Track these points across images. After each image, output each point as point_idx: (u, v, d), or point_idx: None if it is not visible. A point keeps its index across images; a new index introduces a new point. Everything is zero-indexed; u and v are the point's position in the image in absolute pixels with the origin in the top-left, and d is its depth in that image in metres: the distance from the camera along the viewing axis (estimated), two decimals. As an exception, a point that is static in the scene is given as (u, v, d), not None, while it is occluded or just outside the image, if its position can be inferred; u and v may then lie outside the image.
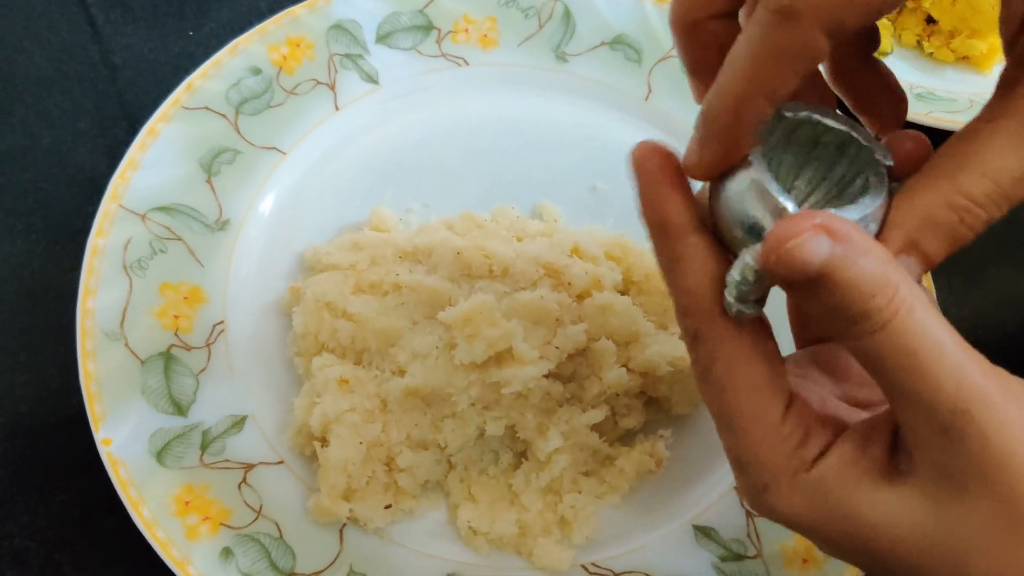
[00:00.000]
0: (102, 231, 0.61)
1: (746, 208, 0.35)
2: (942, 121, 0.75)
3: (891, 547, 0.35)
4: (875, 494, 0.35)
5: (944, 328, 0.33)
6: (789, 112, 0.36)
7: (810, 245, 0.31)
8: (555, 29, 0.74)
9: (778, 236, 0.32)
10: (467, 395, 0.56)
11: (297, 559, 0.55)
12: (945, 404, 0.33)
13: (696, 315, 0.37)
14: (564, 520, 0.57)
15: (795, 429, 0.36)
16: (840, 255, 0.32)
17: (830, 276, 0.32)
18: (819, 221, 0.32)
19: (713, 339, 0.36)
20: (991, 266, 0.74)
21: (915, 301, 0.33)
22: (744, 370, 0.36)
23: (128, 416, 0.56)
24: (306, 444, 0.58)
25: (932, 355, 0.33)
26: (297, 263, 0.65)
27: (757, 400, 0.36)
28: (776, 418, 0.36)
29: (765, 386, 0.36)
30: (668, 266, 0.37)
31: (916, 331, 0.33)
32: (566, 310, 0.58)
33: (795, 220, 0.32)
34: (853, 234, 0.32)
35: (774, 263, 0.32)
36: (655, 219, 0.37)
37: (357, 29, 0.71)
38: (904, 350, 0.32)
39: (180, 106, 0.66)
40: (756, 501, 0.38)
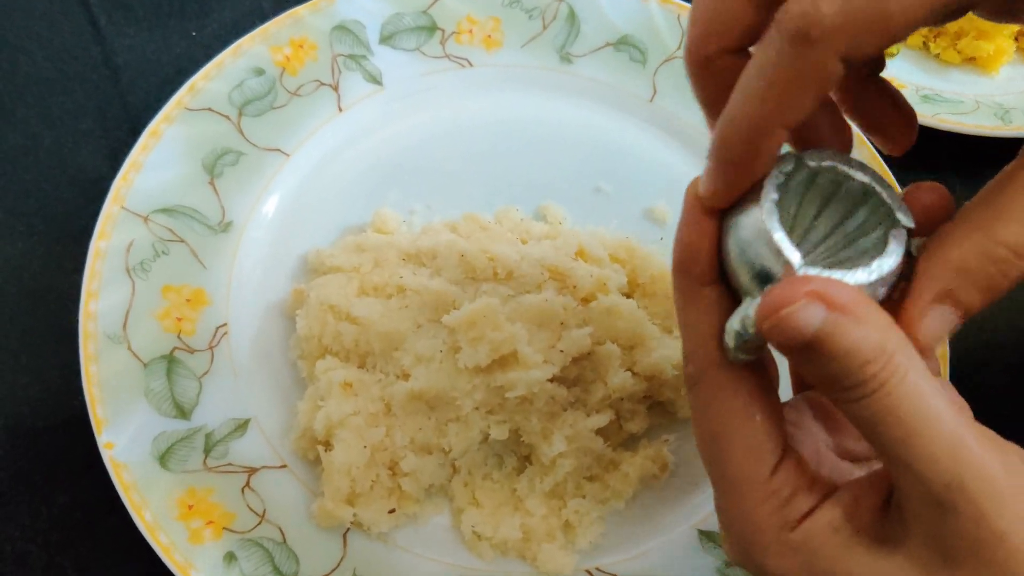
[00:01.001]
0: (104, 233, 0.61)
1: (752, 255, 0.34)
2: (948, 123, 0.75)
3: None
4: (866, 560, 0.35)
5: (942, 398, 0.33)
6: (812, 161, 0.36)
7: (804, 313, 0.31)
8: (559, 30, 0.73)
9: (772, 301, 0.32)
10: (471, 399, 0.56)
11: (300, 564, 0.54)
12: (939, 477, 0.32)
13: (698, 361, 0.37)
14: (568, 525, 0.57)
15: (783, 486, 0.36)
16: (833, 323, 0.31)
17: (822, 344, 0.32)
18: (815, 288, 0.32)
19: (712, 388, 0.37)
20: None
21: (911, 369, 0.32)
22: (737, 423, 0.36)
23: (131, 419, 0.56)
24: (309, 448, 0.57)
25: (926, 425, 0.32)
26: (300, 265, 0.65)
27: (747, 454, 0.36)
28: (765, 474, 0.36)
29: (757, 441, 0.36)
30: (682, 307, 0.38)
31: (910, 400, 0.32)
32: (571, 313, 0.58)
33: (791, 285, 0.32)
34: (850, 302, 0.32)
35: (767, 329, 0.32)
36: (680, 260, 0.37)
37: (360, 30, 0.71)
38: (897, 418, 0.32)
39: (183, 107, 0.65)
40: (741, 556, 0.38)
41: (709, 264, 0.36)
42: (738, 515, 0.37)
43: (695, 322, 0.37)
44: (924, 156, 0.77)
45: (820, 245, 0.38)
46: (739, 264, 0.35)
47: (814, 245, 0.38)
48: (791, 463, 0.37)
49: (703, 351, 0.37)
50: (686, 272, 0.37)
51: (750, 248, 0.34)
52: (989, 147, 0.77)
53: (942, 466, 0.32)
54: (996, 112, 0.78)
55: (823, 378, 0.33)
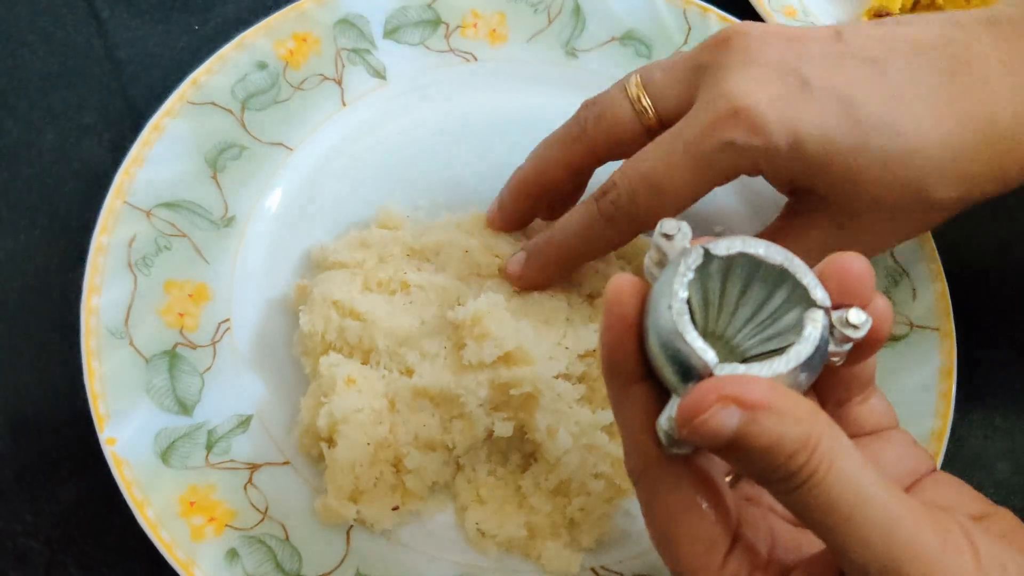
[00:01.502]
0: (106, 228, 0.60)
1: (670, 354, 0.35)
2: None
3: None
4: None
5: (872, 478, 0.33)
6: (720, 251, 0.36)
7: (718, 418, 0.32)
8: (565, 24, 0.73)
9: (687, 408, 0.32)
10: (476, 396, 0.55)
11: (303, 561, 0.54)
12: (875, 562, 0.32)
13: (637, 459, 0.38)
14: (573, 523, 0.57)
15: (738, 571, 0.37)
16: (750, 423, 0.32)
17: (743, 443, 0.32)
18: (728, 392, 0.32)
19: (653, 485, 0.37)
20: (1003, 259, 0.73)
21: (837, 456, 0.32)
22: (682, 517, 0.37)
23: (133, 415, 0.56)
24: (313, 445, 0.57)
25: (856, 510, 0.32)
26: (304, 260, 0.64)
27: (696, 547, 0.37)
28: (716, 564, 0.36)
29: (704, 533, 0.36)
30: (615, 406, 0.39)
31: (839, 486, 0.32)
32: (576, 310, 0.58)
33: (702, 392, 0.32)
34: (766, 398, 0.32)
35: (687, 435, 0.33)
36: (608, 362, 0.38)
37: (364, 24, 0.71)
38: (828, 507, 0.32)
39: (185, 101, 0.65)
40: None
41: (635, 363, 0.37)
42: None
43: (629, 420, 0.38)
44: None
45: (748, 324, 0.38)
46: (661, 363, 0.35)
47: (743, 323, 0.38)
48: (742, 549, 0.37)
49: (640, 449, 0.37)
50: (615, 373, 0.38)
51: (668, 347, 0.34)
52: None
53: (877, 551, 0.32)
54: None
55: (752, 473, 0.34)
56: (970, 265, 0.73)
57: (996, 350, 0.69)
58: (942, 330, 0.62)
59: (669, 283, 0.35)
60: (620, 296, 0.37)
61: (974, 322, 0.66)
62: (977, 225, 0.74)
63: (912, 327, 0.63)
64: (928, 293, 0.63)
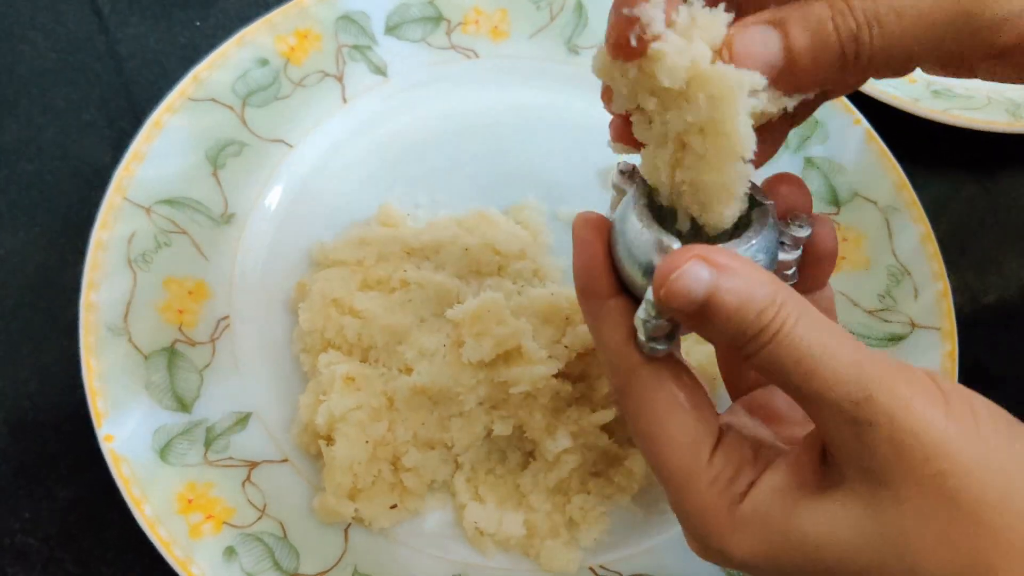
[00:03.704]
0: (106, 224, 0.60)
1: (638, 255, 0.38)
2: (959, 119, 0.74)
3: (840, 559, 0.35)
4: (812, 511, 0.36)
5: (836, 331, 0.35)
6: None
7: (691, 275, 0.34)
8: (567, 21, 0.73)
9: (662, 271, 0.35)
10: (475, 394, 0.55)
11: (301, 559, 0.54)
12: (848, 397, 0.34)
13: (621, 369, 0.39)
14: (572, 521, 0.57)
15: (725, 465, 0.37)
16: (720, 281, 0.34)
17: (714, 300, 0.34)
18: (697, 252, 0.34)
19: (638, 390, 0.39)
20: (1005, 259, 0.73)
21: (801, 312, 0.35)
22: (667, 416, 0.38)
23: (131, 412, 0.56)
24: (311, 442, 0.57)
25: (826, 354, 0.34)
26: (304, 258, 0.64)
27: (683, 444, 0.38)
28: (704, 459, 0.37)
29: (689, 429, 0.38)
30: (594, 326, 0.40)
31: (807, 336, 0.34)
32: (576, 308, 0.58)
33: (675, 254, 0.35)
34: (730, 261, 0.34)
35: (664, 297, 0.35)
36: (582, 284, 0.40)
37: (365, 20, 0.70)
38: (799, 354, 0.34)
39: (186, 97, 0.65)
40: (703, 549, 0.39)
41: (607, 279, 0.39)
42: (689, 507, 0.38)
43: (609, 335, 0.39)
44: (935, 152, 0.76)
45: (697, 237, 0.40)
46: (631, 267, 0.38)
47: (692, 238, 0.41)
48: (729, 442, 0.38)
49: (623, 359, 0.39)
50: (590, 293, 0.40)
51: (635, 249, 0.38)
52: (1000, 143, 0.76)
53: (849, 387, 0.34)
54: (1007, 108, 0.77)
55: (725, 336, 0.35)
56: (971, 264, 0.72)
57: (997, 350, 0.68)
58: (943, 329, 0.62)
59: (630, 202, 0.39)
60: (586, 224, 0.40)
61: (975, 322, 0.65)
62: (980, 225, 0.74)
63: (914, 326, 0.63)
64: (929, 292, 0.63)
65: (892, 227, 0.66)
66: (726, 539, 0.37)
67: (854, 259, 0.66)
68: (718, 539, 0.37)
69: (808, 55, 0.36)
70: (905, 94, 0.75)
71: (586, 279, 0.40)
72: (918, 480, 0.34)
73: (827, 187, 0.68)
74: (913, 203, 0.66)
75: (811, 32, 0.36)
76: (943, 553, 0.34)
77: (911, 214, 0.66)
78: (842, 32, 0.36)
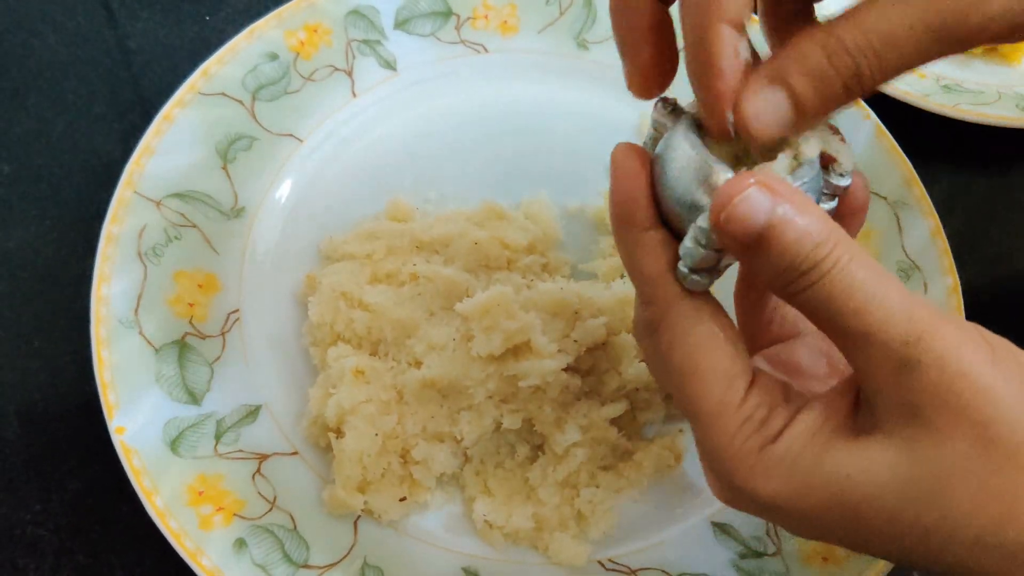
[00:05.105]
0: (117, 218, 0.60)
1: (688, 186, 0.37)
2: (969, 114, 0.74)
3: (870, 501, 0.35)
4: (844, 452, 0.35)
5: (886, 274, 0.35)
6: None
7: (753, 200, 0.34)
8: (576, 16, 0.73)
9: (725, 193, 0.34)
10: (484, 388, 0.55)
11: (311, 551, 0.54)
12: (898, 336, 0.33)
13: (659, 301, 0.38)
14: (581, 515, 0.57)
15: (758, 407, 0.37)
16: (782, 210, 0.34)
17: (775, 228, 0.34)
18: (760, 178, 0.34)
19: (676, 323, 0.38)
20: (1015, 254, 0.73)
21: (855, 252, 0.34)
22: (705, 351, 0.37)
23: (142, 405, 0.56)
24: (321, 435, 0.57)
25: (879, 292, 0.34)
26: (313, 252, 0.64)
27: (718, 382, 0.37)
28: (738, 398, 0.37)
29: (726, 366, 0.37)
30: (630, 257, 0.39)
31: (861, 273, 0.34)
32: (585, 303, 0.58)
33: (737, 179, 0.34)
34: (792, 192, 0.34)
35: (724, 220, 0.34)
36: (618, 210, 0.39)
37: (375, 15, 0.70)
38: (852, 291, 0.34)
39: (196, 92, 0.65)
40: (729, 491, 0.38)
41: (648, 208, 0.38)
42: (718, 443, 0.37)
43: (648, 267, 0.38)
44: (945, 147, 0.76)
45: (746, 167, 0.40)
46: (677, 201, 0.37)
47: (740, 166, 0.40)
48: (763, 382, 0.38)
49: (662, 290, 0.38)
50: (629, 222, 0.39)
51: (683, 181, 0.37)
52: (1011, 138, 0.76)
53: (900, 327, 0.33)
54: (1018, 103, 0.77)
55: (778, 269, 0.34)
56: (981, 260, 0.72)
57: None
58: (953, 325, 0.62)
59: (676, 132, 0.38)
60: (629, 152, 0.39)
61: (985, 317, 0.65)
62: (990, 220, 0.74)
63: (923, 322, 0.63)
64: (939, 288, 0.63)
65: (902, 222, 0.66)
66: (755, 479, 0.36)
67: (863, 254, 0.66)
68: (746, 479, 0.36)
69: (815, 101, 0.37)
70: (915, 89, 0.75)
71: (626, 207, 0.39)
72: (962, 424, 0.33)
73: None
74: (923, 198, 0.66)
75: (812, 79, 0.36)
76: (980, 500, 0.33)
77: (921, 209, 0.66)
78: (842, 72, 0.36)
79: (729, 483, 0.37)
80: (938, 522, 0.34)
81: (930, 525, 0.34)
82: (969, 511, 0.34)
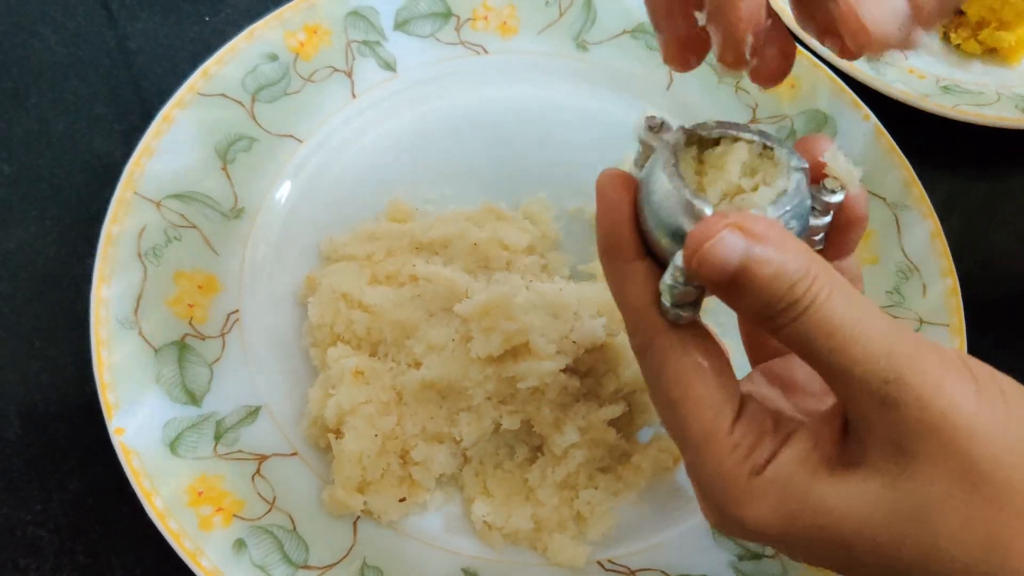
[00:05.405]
0: (117, 218, 0.60)
1: (666, 217, 0.37)
2: (968, 115, 0.74)
3: (857, 532, 0.35)
4: (832, 484, 0.35)
5: (867, 306, 0.35)
6: (703, 131, 0.39)
7: (725, 243, 0.33)
8: (576, 17, 0.73)
9: (695, 238, 0.34)
10: (483, 389, 0.55)
11: (310, 552, 0.54)
12: (877, 375, 0.34)
13: (643, 331, 0.39)
14: (580, 516, 0.57)
15: (746, 434, 0.37)
16: (756, 251, 0.33)
17: (748, 271, 0.34)
18: (732, 220, 0.34)
19: (660, 353, 0.38)
20: (1014, 255, 0.73)
21: (834, 285, 0.34)
22: (690, 381, 0.37)
23: (142, 405, 0.56)
24: (320, 436, 0.57)
25: (857, 330, 0.34)
26: (313, 252, 0.64)
27: (705, 411, 0.37)
28: (726, 426, 0.37)
29: (712, 395, 0.37)
30: (617, 288, 0.39)
31: (839, 311, 0.34)
32: (584, 304, 0.58)
33: (710, 221, 0.34)
34: (767, 230, 0.34)
35: (696, 265, 0.34)
36: (604, 240, 0.39)
37: (375, 16, 0.71)
38: (831, 328, 0.34)
39: (196, 92, 0.65)
40: (718, 517, 0.38)
41: (633, 240, 0.39)
42: (707, 473, 0.37)
43: (632, 297, 0.39)
44: (944, 148, 0.76)
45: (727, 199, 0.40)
46: (659, 230, 0.37)
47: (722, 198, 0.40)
48: (751, 410, 0.38)
49: (646, 321, 0.38)
50: (615, 254, 0.39)
51: (663, 211, 0.37)
52: (1010, 139, 0.76)
53: (880, 364, 0.34)
54: (1017, 103, 0.77)
55: (755, 307, 0.35)
56: (980, 261, 0.72)
57: (1006, 347, 0.68)
58: (952, 326, 0.62)
59: (658, 160, 0.38)
60: (612, 181, 0.39)
61: (984, 319, 0.65)
62: (990, 221, 0.74)
63: (922, 323, 0.63)
64: (938, 289, 0.63)
65: (901, 223, 0.66)
66: (743, 507, 0.36)
67: (862, 255, 0.66)
68: (735, 506, 0.36)
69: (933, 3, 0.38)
70: (914, 90, 0.75)
71: (611, 240, 0.39)
72: (944, 461, 0.33)
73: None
74: (922, 199, 0.66)
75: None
76: (965, 533, 0.34)
77: (920, 210, 0.66)
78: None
79: (721, 511, 0.37)
80: (926, 555, 0.34)
81: (916, 559, 0.34)
82: (956, 545, 0.34)
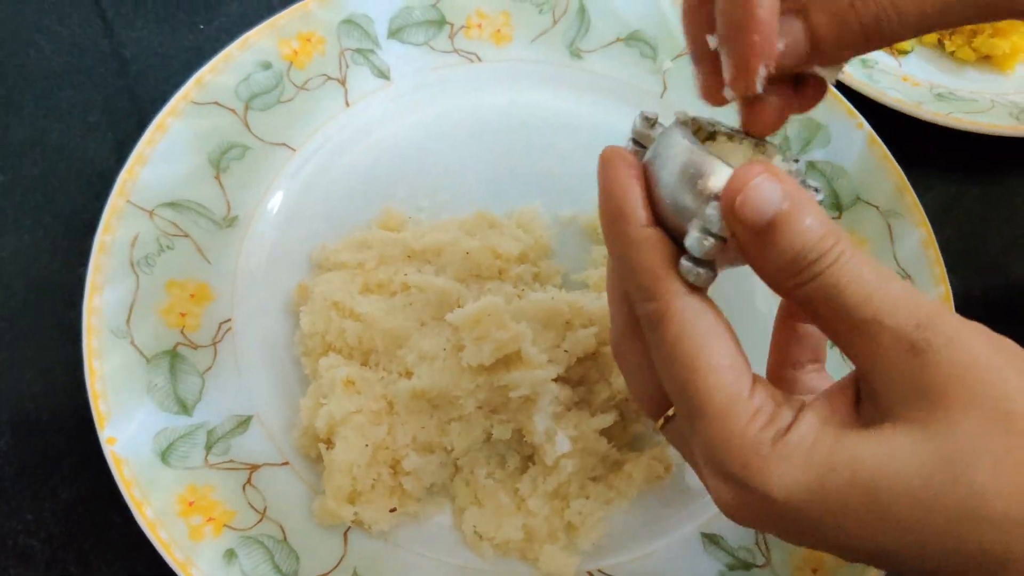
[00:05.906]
0: (109, 227, 0.60)
1: (690, 178, 0.37)
2: (962, 122, 0.74)
3: (892, 485, 0.34)
4: (859, 440, 0.35)
5: (887, 268, 0.36)
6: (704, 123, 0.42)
7: (764, 188, 0.35)
8: (569, 25, 0.73)
9: (740, 177, 0.35)
10: (474, 398, 0.55)
11: (301, 562, 0.54)
12: (908, 319, 0.34)
13: (660, 295, 0.38)
14: (571, 526, 0.57)
15: (766, 402, 0.37)
16: (792, 199, 0.35)
17: (788, 214, 0.35)
18: (771, 167, 0.35)
19: (679, 317, 0.37)
20: (1008, 263, 0.72)
21: (853, 245, 0.36)
22: (710, 344, 0.37)
23: (133, 415, 0.56)
24: (311, 445, 0.57)
25: (885, 281, 0.35)
26: (305, 261, 0.64)
27: (726, 374, 0.37)
28: (745, 391, 0.36)
29: (732, 361, 0.37)
30: (630, 254, 0.39)
31: (867, 264, 0.35)
32: (576, 313, 0.58)
33: (747, 168, 0.35)
34: (796, 184, 0.36)
35: (740, 204, 0.35)
36: (614, 208, 0.39)
37: (368, 24, 0.71)
38: (860, 279, 0.35)
39: (189, 101, 0.65)
40: (739, 492, 0.36)
41: (645, 205, 0.39)
42: (728, 439, 0.36)
43: (647, 262, 0.38)
44: (938, 155, 0.76)
45: None
46: (677, 192, 0.38)
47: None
48: (764, 382, 0.38)
49: (663, 284, 0.38)
50: (624, 219, 0.39)
51: (685, 174, 0.37)
52: (1004, 146, 0.76)
53: (909, 310, 0.34)
54: (1011, 111, 0.77)
55: (788, 258, 0.35)
56: (973, 269, 0.72)
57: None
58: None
59: (671, 133, 0.39)
60: (617, 155, 0.39)
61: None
62: (983, 229, 0.74)
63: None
64: (931, 297, 0.63)
65: (894, 231, 0.66)
66: (770, 473, 0.35)
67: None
68: (760, 475, 0.35)
69: (831, 37, 0.38)
70: (908, 98, 0.75)
71: (620, 205, 0.39)
72: (977, 402, 0.33)
73: (829, 191, 0.68)
74: (915, 207, 0.66)
75: (833, 16, 0.38)
76: (1003, 473, 0.33)
77: (913, 218, 0.66)
78: (863, 17, 0.38)
79: (742, 483, 0.36)
80: (964, 500, 0.33)
81: (955, 504, 0.33)
82: (994, 486, 0.33)
